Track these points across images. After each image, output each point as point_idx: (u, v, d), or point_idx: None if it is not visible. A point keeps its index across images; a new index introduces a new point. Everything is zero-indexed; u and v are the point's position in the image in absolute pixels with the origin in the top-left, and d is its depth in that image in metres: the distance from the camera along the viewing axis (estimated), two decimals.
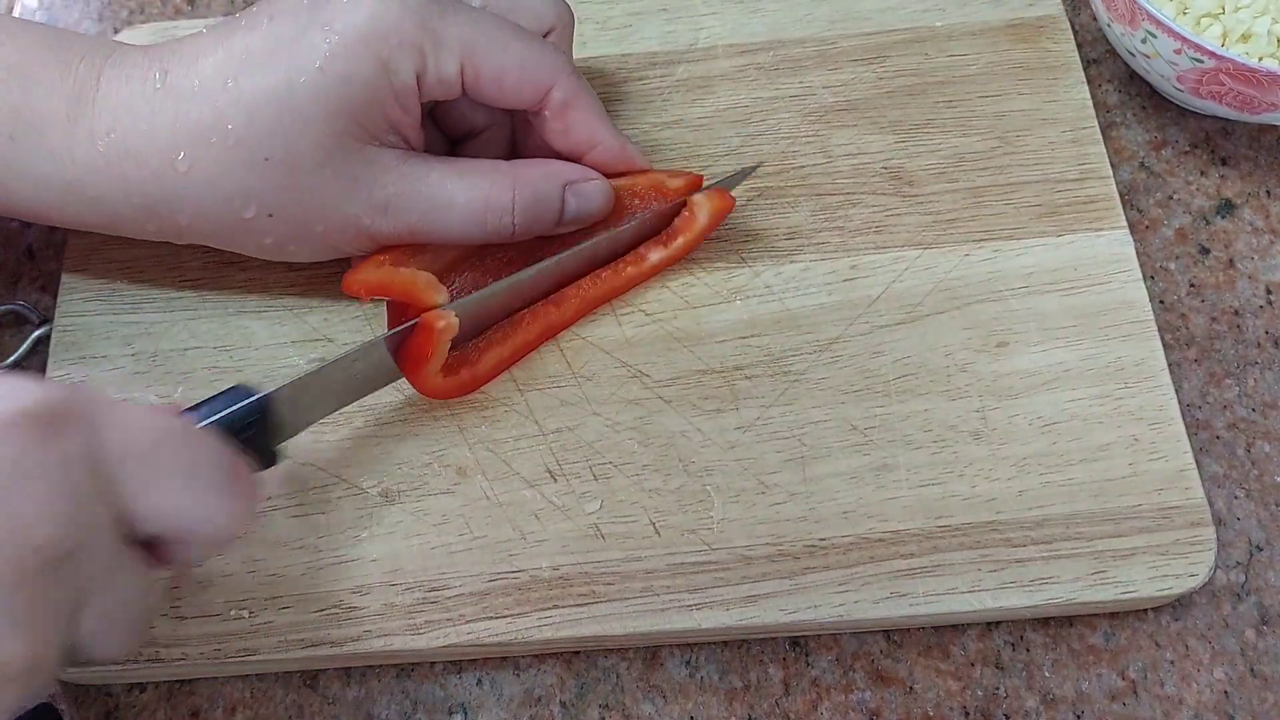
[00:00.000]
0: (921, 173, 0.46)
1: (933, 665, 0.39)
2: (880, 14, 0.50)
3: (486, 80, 0.38)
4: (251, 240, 0.39)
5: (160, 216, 0.38)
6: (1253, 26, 0.46)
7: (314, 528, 0.39)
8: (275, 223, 0.38)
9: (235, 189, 0.37)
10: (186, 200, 0.37)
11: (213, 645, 0.38)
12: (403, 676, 0.39)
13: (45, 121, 0.37)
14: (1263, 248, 0.47)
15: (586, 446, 0.41)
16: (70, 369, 0.42)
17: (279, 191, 0.37)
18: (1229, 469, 0.42)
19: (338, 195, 0.37)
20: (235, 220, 0.38)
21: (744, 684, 0.39)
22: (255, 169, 0.37)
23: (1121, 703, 0.38)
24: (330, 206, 0.38)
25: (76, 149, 0.37)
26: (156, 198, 0.37)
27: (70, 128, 0.37)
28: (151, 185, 0.37)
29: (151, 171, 0.37)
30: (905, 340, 0.42)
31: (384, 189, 0.38)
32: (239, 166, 0.37)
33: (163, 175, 0.37)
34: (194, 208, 0.38)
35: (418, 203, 0.38)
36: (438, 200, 0.39)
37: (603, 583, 0.38)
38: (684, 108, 0.48)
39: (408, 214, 0.39)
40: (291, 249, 0.40)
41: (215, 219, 0.38)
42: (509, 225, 0.39)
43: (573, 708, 0.39)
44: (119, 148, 0.37)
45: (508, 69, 0.38)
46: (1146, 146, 0.49)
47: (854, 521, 0.39)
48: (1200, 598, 0.40)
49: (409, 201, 0.38)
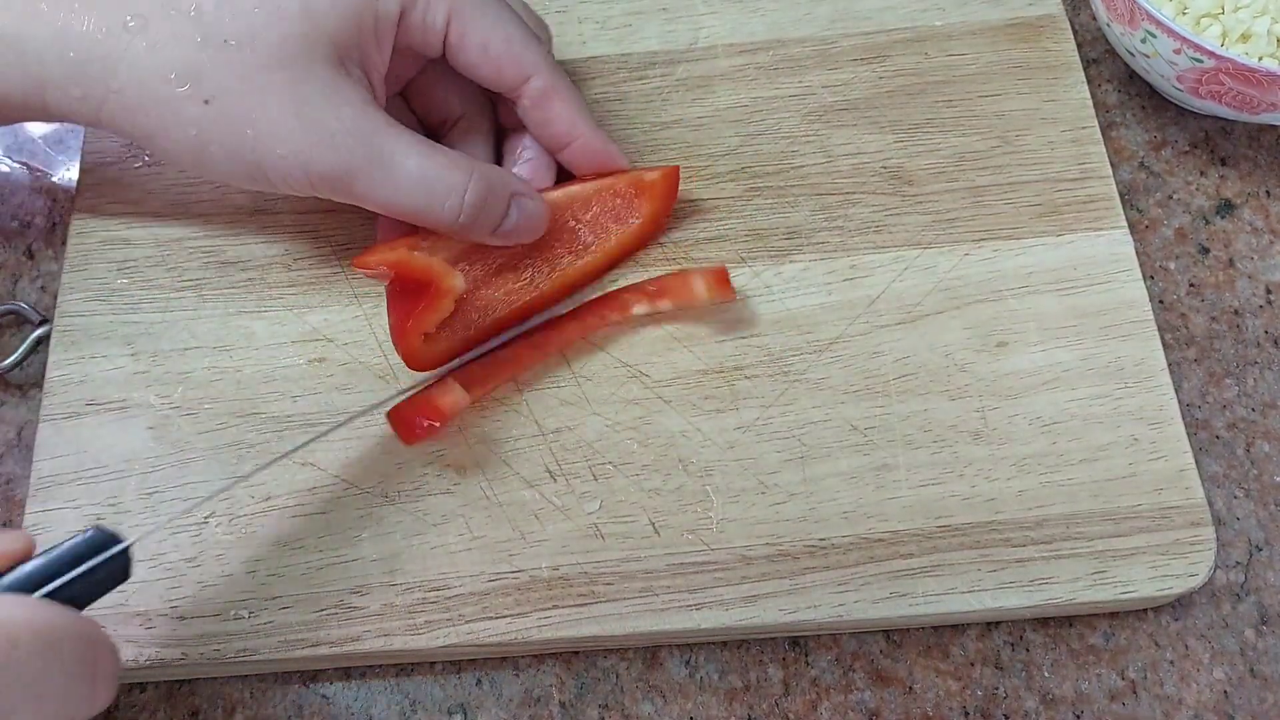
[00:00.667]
0: (921, 172, 0.46)
1: (932, 665, 0.39)
2: (880, 13, 0.50)
3: (471, 45, 0.38)
4: (174, 128, 0.36)
5: (89, 78, 0.35)
6: (1252, 26, 0.46)
7: (314, 528, 0.39)
8: (208, 112, 0.35)
9: (180, 61, 0.35)
10: (123, 63, 0.35)
11: (213, 645, 0.38)
12: (402, 676, 0.39)
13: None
14: (1262, 247, 0.47)
15: (586, 446, 0.41)
16: (70, 369, 0.42)
17: (225, 78, 0.35)
18: (1229, 469, 0.42)
19: (285, 106, 0.35)
20: (167, 96, 0.35)
21: (744, 684, 0.39)
22: (209, 47, 0.34)
23: (1121, 703, 0.38)
24: (273, 116, 0.35)
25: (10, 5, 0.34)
26: (93, 54, 0.35)
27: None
28: (90, 40, 0.34)
29: (94, 23, 0.34)
30: (905, 340, 0.42)
31: (338, 120, 0.36)
32: (192, 40, 0.34)
33: (108, 31, 0.34)
34: (128, 73, 0.35)
35: (366, 150, 0.36)
36: (389, 156, 0.36)
37: (602, 583, 0.38)
38: (684, 108, 0.48)
39: (351, 156, 0.36)
40: (213, 151, 0.36)
41: (146, 90, 0.35)
42: (456, 208, 0.37)
43: (572, 708, 0.39)
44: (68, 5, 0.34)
45: (493, 40, 0.39)
46: (1146, 146, 0.49)
47: (854, 521, 0.39)
48: (1200, 598, 0.40)
49: (358, 144, 0.36)
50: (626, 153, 0.46)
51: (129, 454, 0.40)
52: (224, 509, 0.39)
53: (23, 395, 0.44)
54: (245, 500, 0.40)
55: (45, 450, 0.41)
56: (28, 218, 0.48)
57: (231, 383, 0.42)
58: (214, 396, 0.42)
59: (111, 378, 0.42)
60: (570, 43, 0.49)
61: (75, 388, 0.42)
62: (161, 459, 0.40)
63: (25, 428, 0.43)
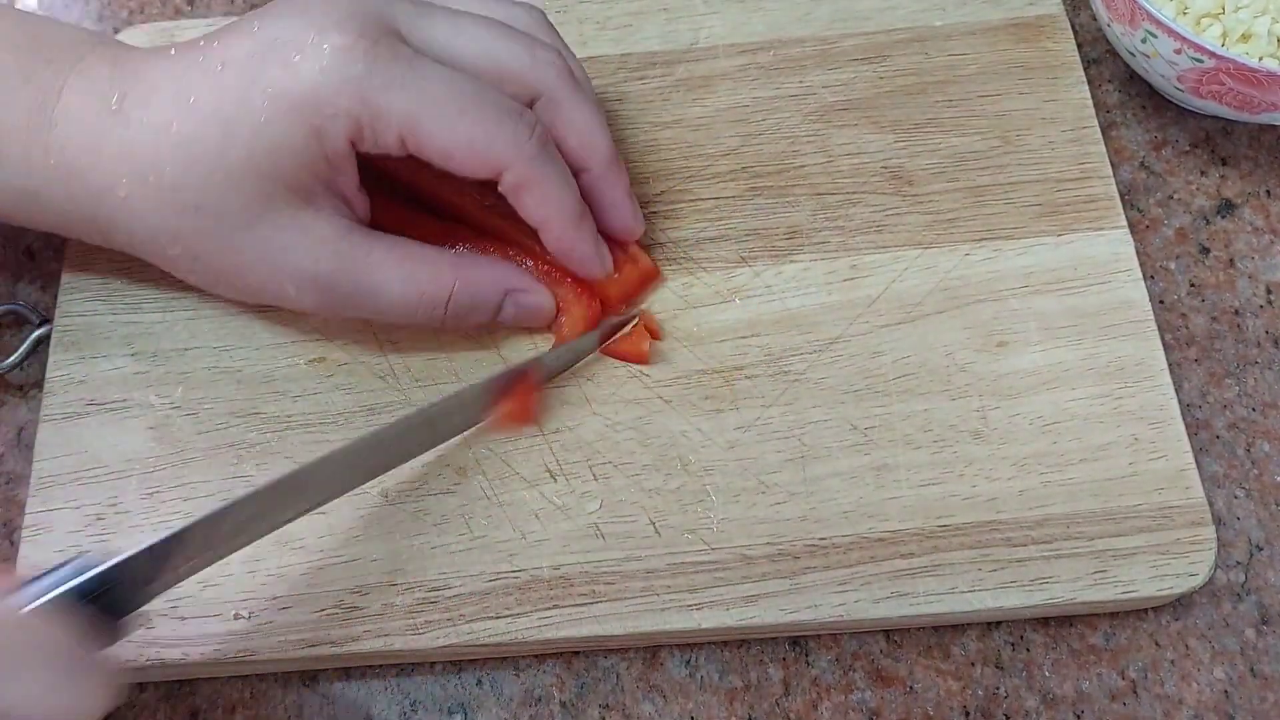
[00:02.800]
0: (921, 172, 0.46)
1: (933, 665, 0.39)
2: (880, 13, 0.50)
3: (432, 154, 0.37)
4: (180, 273, 0.40)
5: (104, 232, 0.39)
6: (1253, 26, 0.46)
7: (314, 528, 0.39)
8: (199, 266, 0.39)
9: (163, 228, 0.37)
10: (121, 225, 0.38)
11: (213, 645, 0.38)
12: (403, 676, 0.39)
13: (5, 130, 0.37)
14: (1263, 247, 0.47)
15: (586, 446, 0.41)
16: (70, 369, 0.42)
17: (205, 240, 0.37)
18: (1229, 469, 0.42)
19: (266, 259, 0.37)
20: (161, 254, 0.39)
21: (744, 684, 0.39)
22: (185, 214, 0.37)
23: (1122, 702, 0.38)
24: (257, 268, 0.38)
25: (33, 159, 0.37)
26: (99, 215, 0.38)
27: (28, 138, 0.37)
28: (94, 203, 0.38)
29: (94, 191, 0.37)
30: (905, 340, 0.42)
31: (316, 263, 0.38)
32: (170, 208, 0.37)
33: (104, 197, 0.37)
34: (127, 234, 0.38)
35: (349, 284, 0.38)
36: (371, 285, 0.38)
37: (603, 583, 0.38)
38: (684, 108, 0.48)
39: (334, 291, 0.38)
40: (219, 289, 0.40)
41: (145, 249, 0.39)
42: (439, 319, 0.40)
43: (573, 708, 0.39)
44: (69, 164, 0.37)
45: (453, 148, 0.36)
46: (1146, 146, 0.49)
47: (854, 521, 0.39)
48: (1200, 597, 0.40)
49: (340, 280, 0.38)
50: (626, 152, 0.46)
51: (129, 454, 0.40)
52: None
53: (23, 395, 0.44)
54: None
55: (45, 450, 0.41)
56: None
57: (231, 383, 0.42)
58: (214, 396, 0.42)
59: (111, 378, 0.42)
60: (570, 43, 0.49)
61: (75, 388, 0.42)
62: (161, 459, 0.40)
63: (25, 428, 0.43)
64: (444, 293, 0.39)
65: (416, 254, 0.39)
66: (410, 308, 0.39)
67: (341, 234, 0.38)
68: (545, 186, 0.38)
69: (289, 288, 0.38)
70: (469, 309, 0.40)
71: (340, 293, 0.38)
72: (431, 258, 0.39)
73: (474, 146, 0.37)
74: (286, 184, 0.36)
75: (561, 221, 0.39)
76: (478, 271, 0.40)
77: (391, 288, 0.39)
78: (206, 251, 0.38)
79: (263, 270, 0.38)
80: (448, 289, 0.39)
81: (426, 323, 0.40)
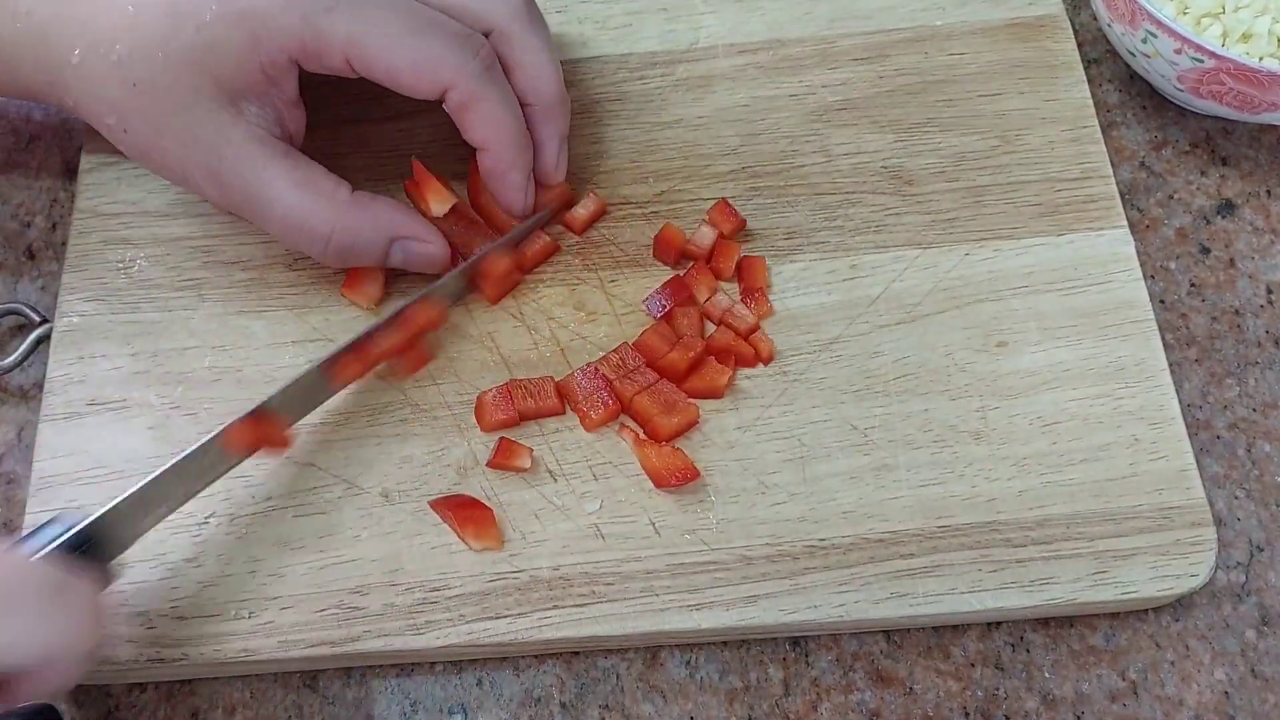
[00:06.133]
0: (921, 172, 0.46)
1: (933, 665, 0.39)
2: (880, 13, 0.50)
3: (378, 74, 0.39)
4: (115, 141, 0.41)
5: (57, 93, 0.41)
6: (1253, 26, 0.46)
7: (314, 528, 0.39)
8: (128, 139, 0.40)
9: (105, 97, 0.40)
10: (73, 89, 0.40)
11: (213, 645, 0.38)
12: (403, 676, 0.39)
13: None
14: (1263, 247, 0.47)
15: (586, 446, 0.41)
16: (70, 369, 0.42)
17: (136, 117, 0.39)
18: (1229, 469, 0.42)
19: (180, 144, 0.39)
20: (100, 122, 0.41)
21: (744, 684, 0.39)
22: (125, 89, 0.39)
23: (1122, 703, 0.38)
24: (175, 151, 0.40)
25: (3, 23, 0.40)
26: (56, 80, 0.40)
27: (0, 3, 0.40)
28: (55, 67, 0.40)
29: (52, 56, 0.40)
30: (905, 340, 0.42)
31: (218, 159, 0.39)
32: (113, 81, 0.39)
33: (61, 63, 0.40)
34: (74, 99, 0.41)
35: (242, 187, 0.39)
36: (260, 196, 0.39)
37: (603, 583, 0.38)
38: (684, 107, 0.48)
39: (231, 192, 0.40)
40: (143, 163, 0.42)
41: (87, 113, 0.41)
42: (320, 253, 0.41)
43: (573, 708, 0.39)
44: (36, 28, 0.40)
45: (398, 68, 0.38)
46: (1147, 146, 0.49)
47: (854, 521, 0.39)
48: (1201, 598, 0.40)
49: (234, 181, 0.39)
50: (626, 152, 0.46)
51: (129, 454, 0.40)
52: (224, 509, 0.39)
53: (23, 395, 0.44)
54: (245, 500, 0.40)
55: (45, 450, 0.41)
56: (28, 218, 0.48)
57: (231, 383, 0.42)
58: (214, 396, 0.42)
59: (111, 378, 0.42)
60: (570, 43, 0.49)
61: (75, 388, 0.42)
62: (161, 459, 0.40)
63: (25, 428, 0.43)
64: (324, 230, 0.40)
65: (314, 184, 0.40)
66: (293, 232, 0.40)
67: (251, 141, 0.39)
68: (488, 105, 0.40)
69: (196, 175, 0.40)
70: (351, 253, 0.41)
71: (234, 196, 0.40)
72: (327, 186, 0.40)
73: (419, 67, 0.38)
74: (216, 81, 0.38)
75: (500, 144, 0.41)
76: (362, 215, 0.40)
77: (276, 207, 0.39)
78: (134, 127, 0.40)
79: (179, 153, 0.40)
80: (328, 227, 0.40)
81: (314, 255, 0.41)
